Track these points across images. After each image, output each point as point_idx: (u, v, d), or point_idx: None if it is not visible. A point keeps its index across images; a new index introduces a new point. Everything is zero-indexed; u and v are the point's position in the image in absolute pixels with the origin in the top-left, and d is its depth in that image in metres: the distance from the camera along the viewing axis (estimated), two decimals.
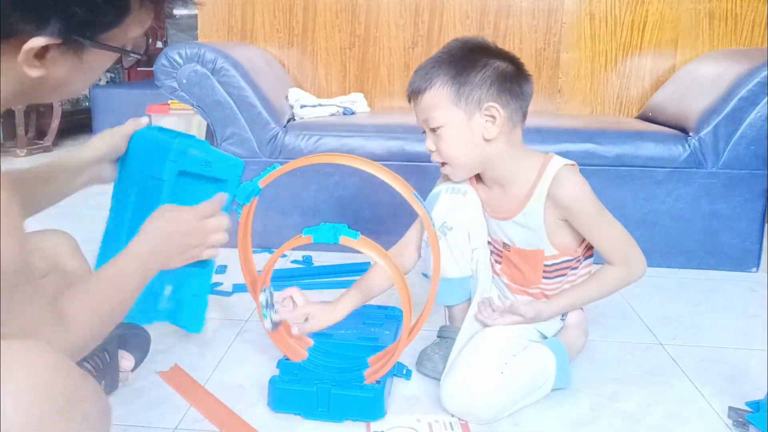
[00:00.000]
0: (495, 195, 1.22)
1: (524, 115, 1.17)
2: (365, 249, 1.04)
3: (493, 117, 1.12)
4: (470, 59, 1.13)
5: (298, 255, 1.88)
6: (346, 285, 1.69)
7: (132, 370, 1.17)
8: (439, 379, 1.15)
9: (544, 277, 1.21)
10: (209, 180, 1.11)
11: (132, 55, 0.76)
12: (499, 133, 1.13)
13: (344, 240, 1.03)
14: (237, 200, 1.11)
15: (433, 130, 1.15)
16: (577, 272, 1.23)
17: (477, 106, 1.12)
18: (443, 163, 1.18)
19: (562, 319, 1.25)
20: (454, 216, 1.19)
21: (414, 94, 1.16)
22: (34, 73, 0.69)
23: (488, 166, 1.18)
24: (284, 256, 1.84)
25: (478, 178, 1.23)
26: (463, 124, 1.13)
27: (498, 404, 1.08)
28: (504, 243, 1.23)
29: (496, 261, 1.27)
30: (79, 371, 0.67)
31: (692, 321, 1.52)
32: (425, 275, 1.27)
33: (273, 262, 1.11)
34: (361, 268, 1.80)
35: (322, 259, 1.86)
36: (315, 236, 1.04)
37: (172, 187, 1.08)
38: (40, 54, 0.68)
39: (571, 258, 1.20)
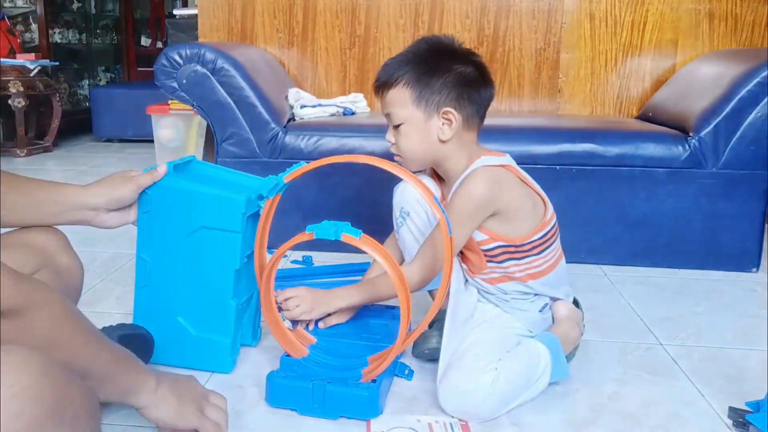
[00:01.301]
0: (445, 187, 1.29)
1: (481, 119, 1.23)
2: (366, 247, 1.04)
3: (450, 121, 1.19)
4: (434, 64, 1.19)
5: (299, 255, 1.88)
6: (345, 285, 1.69)
7: None
8: (435, 359, 1.16)
9: (488, 261, 1.23)
10: None
11: None
12: (454, 135, 1.19)
13: (346, 237, 1.03)
14: (261, 193, 1.16)
15: (395, 126, 1.22)
16: (520, 262, 1.21)
17: (435, 109, 1.19)
18: (398, 155, 1.25)
19: (544, 314, 1.27)
20: (411, 200, 1.27)
21: (380, 88, 1.24)
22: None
23: (438, 162, 1.25)
24: (285, 256, 1.84)
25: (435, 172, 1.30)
26: (421, 123, 1.20)
27: (495, 401, 1.08)
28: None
29: None
30: (67, 374, 0.67)
31: (692, 321, 1.52)
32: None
33: (278, 258, 1.11)
34: (362, 269, 1.79)
35: (322, 259, 1.86)
36: (317, 232, 1.05)
37: (244, 232, 1.17)
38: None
39: (506, 244, 1.20)
